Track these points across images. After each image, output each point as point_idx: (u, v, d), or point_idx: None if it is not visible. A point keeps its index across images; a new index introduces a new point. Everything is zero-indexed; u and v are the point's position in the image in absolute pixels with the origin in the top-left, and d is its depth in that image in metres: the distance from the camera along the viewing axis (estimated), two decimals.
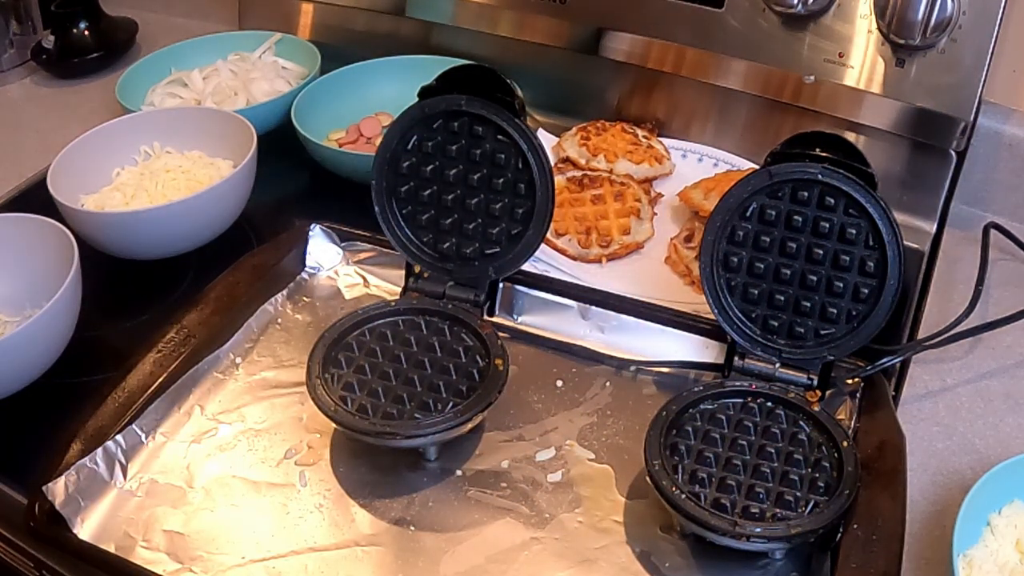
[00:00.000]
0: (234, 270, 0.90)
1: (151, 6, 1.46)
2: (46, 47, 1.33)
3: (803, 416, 0.75)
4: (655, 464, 0.70)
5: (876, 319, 0.76)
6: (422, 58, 1.19)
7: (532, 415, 0.81)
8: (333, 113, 1.16)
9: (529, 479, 0.75)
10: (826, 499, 0.69)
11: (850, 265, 0.76)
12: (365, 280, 0.94)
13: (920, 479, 0.77)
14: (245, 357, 0.86)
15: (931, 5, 0.92)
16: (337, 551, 0.71)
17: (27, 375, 0.82)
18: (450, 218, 0.85)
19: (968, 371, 0.87)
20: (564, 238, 0.98)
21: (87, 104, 1.28)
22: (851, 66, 1.00)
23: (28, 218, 0.91)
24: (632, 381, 0.84)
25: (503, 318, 0.88)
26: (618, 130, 1.11)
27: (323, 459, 0.77)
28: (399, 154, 0.85)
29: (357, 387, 0.77)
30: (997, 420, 0.82)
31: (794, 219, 0.77)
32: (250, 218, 1.03)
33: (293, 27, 1.32)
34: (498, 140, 0.82)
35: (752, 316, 0.79)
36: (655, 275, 0.96)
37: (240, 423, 0.80)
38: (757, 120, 1.10)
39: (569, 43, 1.15)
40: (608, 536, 0.71)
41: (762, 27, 1.02)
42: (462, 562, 0.70)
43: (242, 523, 0.72)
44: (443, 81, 0.83)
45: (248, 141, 1.01)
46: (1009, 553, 0.68)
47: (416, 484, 0.75)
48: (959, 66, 0.95)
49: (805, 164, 0.76)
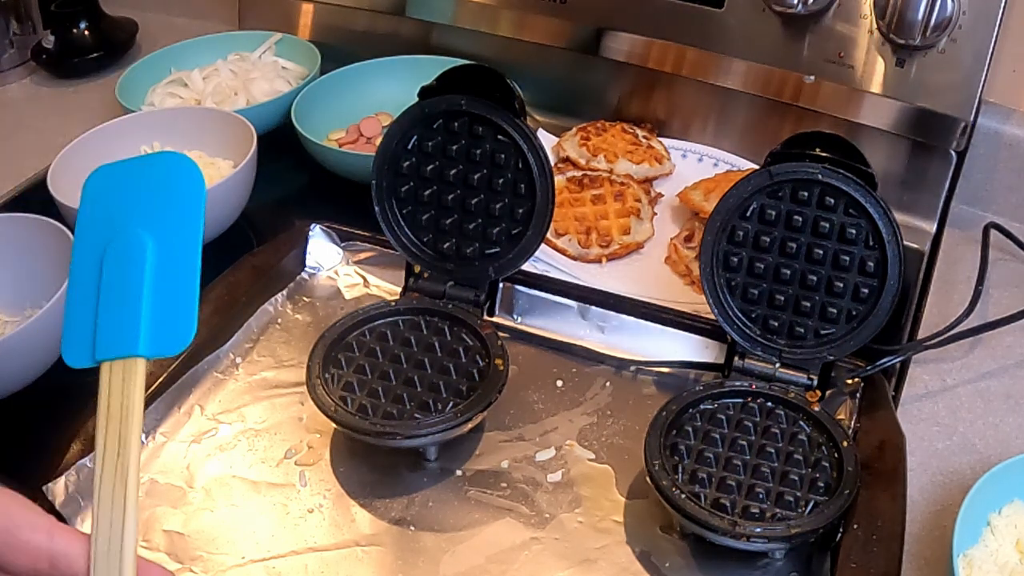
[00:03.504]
0: (234, 270, 0.90)
1: (151, 6, 1.46)
2: (46, 47, 1.33)
3: (803, 416, 0.75)
4: (655, 464, 0.70)
5: (876, 319, 0.76)
6: (422, 58, 1.19)
7: (532, 415, 0.81)
8: (333, 113, 1.15)
9: (529, 479, 0.75)
10: (826, 499, 0.69)
11: (850, 265, 0.76)
12: (365, 280, 0.94)
13: (920, 479, 0.77)
14: (245, 357, 0.86)
15: (931, 5, 0.92)
16: (337, 551, 0.71)
17: (27, 375, 0.82)
18: (450, 218, 0.85)
19: (968, 371, 0.87)
20: (564, 238, 0.98)
21: (87, 104, 1.28)
22: (851, 66, 1.00)
23: (28, 218, 0.91)
24: (632, 381, 0.84)
25: (503, 318, 0.88)
26: (618, 130, 1.11)
27: (323, 459, 0.77)
28: (399, 154, 0.85)
29: (357, 387, 0.77)
30: (997, 420, 0.82)
31: (794, 219, 0.77)
32: (250, 218, 1.03)
33: (293, 27, 1.32)
34: (498, 140, 0.82)
35: (752, 316, 0.79)
36: (655, 275, 0.96)
37: (240, 423, 0.80)
38: (757, 120, 1.10)
39: (569, 43, 1.15)
40: (608, 536, 0.71)
41: (762, 27, 1.02)
42: (462, 562, 0.70)
43: (242, 523, 0.72)
44: (443, 81, 0.83)
45: (248, 141, 1.01)
46: (1009, 553, 0.68)
47: (416, 484, 0.75)
48: (959, 66, 0.95)
49: (805, 164, 0.76)
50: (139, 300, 0.46)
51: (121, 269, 0.47)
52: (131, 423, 0.44)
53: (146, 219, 0.48)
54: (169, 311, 0.46)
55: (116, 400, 0.45)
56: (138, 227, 0.48)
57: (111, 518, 0.43)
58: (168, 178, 0.50)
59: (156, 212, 0.48)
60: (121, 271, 0.47)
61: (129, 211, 0.49)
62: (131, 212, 0.49)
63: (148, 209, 0.49)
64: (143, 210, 0.49)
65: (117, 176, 0.51)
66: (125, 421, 0.44)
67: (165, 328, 0.46)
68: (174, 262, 0.47)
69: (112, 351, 0.46)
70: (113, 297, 0.46)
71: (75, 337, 0.47)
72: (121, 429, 0.44)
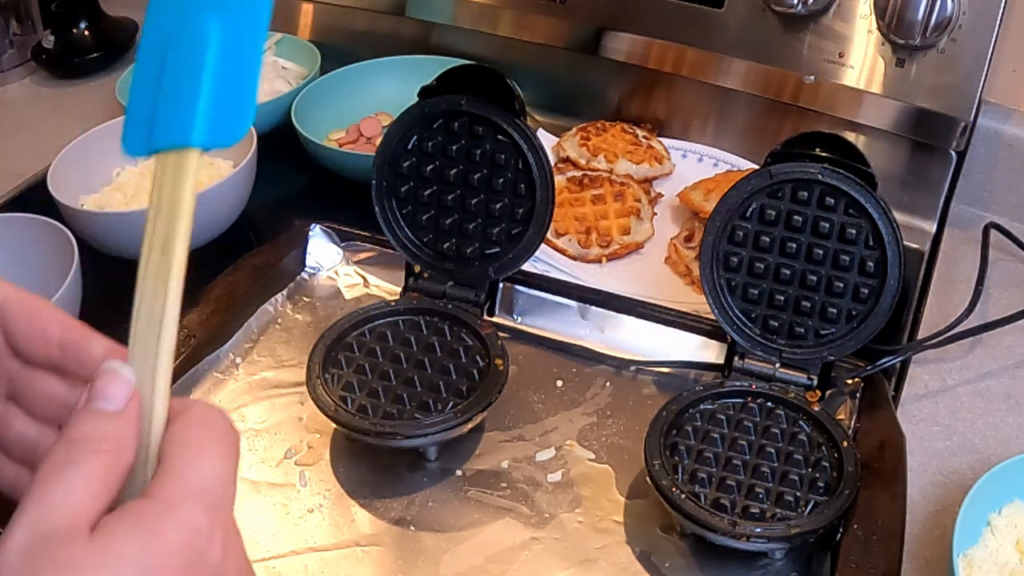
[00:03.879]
0: (234, 270, 0.90)
1: None
2: (46, 47, 1.33)
3: (803, 416, 0.75)
4: (655, 464, 0.70)
5: (876, 319, 0.76)
6: (422, 58, 1.19)
7: (532, 415, 0.81)
8: (333, 113, 1.15)
9: (529, 479, 0.75)
10: (826, 499, 0.69)
11: (850, 265, 0.76)
12: (365, 280, 0.94)
13: (920, 479, 0.77)
14: (245, 357, 0.86)
15: (931, 5, 0.92)
16: (337, 551, 0.71)
17: None
18: (450, 218, 0.85)
19: (968, 371, 0.87)
20: (564, 238, 0.98)
21: (87, 104, 1.28)
22: (851, 66, 1.00)
23: (28, 218, 0.91)
24: (632, 381, 0.84)
25: (503, 318, 0.88)
26: (618, 130, 1.11)
27: (323, 459, 0.77)
28: (399, 154, 0.85)
29: (357, 387, 0.77)
30: (997, 420, 0.82)
31: (794, 219, 0.77)
32: (250, 218, 1.03)
33: (293, 27, 1.32)
34: (498, 140, 0.82)
35: (752, 316, 0.79)
36: (655, 275, 0.96)
37: (240, 423, 0.80)
38: (757, 120, 1.10)
39: (569, 43, 1.15)
40: (608, 536, 0.71)
41: (762, 27, 1.02)
42: (462, 562, 0.70)
43: (242, 523, 0.71)
44: (443, 81, 0.83)
45: (248, 141, 1.01)
46: (1009, 553, 0.68)
47: (416, 484, 0.75)
48: (959, 66, 0.95)
49: (805, 164, 0.76)
50: (198, 89, 0.44)
51: (184, 56, 0.45)
52: (180, 218, 0.43)
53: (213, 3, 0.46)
54: (227, 102, 0.45)
55: (167, 194, 0.44)
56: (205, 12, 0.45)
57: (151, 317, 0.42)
58: None
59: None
60: (184, 58, 0.45)
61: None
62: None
63: None
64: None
65: None
66: (173, 216, 0.43)
67: (221, 120, 0.45)
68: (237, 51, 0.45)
69: (167, 141, 0.45)
70: (173, 85, 0.45)
71: (135, 127, 0.46)
72: (169, 225, 0.43)
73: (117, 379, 0.40)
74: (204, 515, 0.38)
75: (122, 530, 0.36)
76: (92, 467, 0.37)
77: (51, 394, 0.46)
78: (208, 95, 0.44)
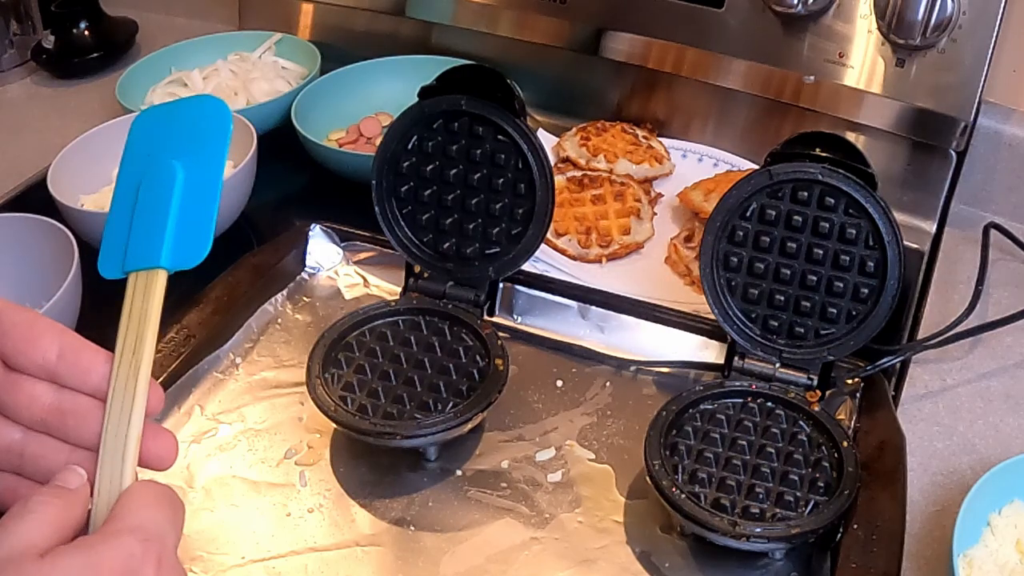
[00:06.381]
0: (234, 270, 0.90)
1: (151, 6, 1.46)
2: (46, 47, 1.33)
3: (803, 416, 0.75)
4: (655, 464, 0.70)
5: (876, 319, 0.76)
6: (422, 58, 1.19)
7: (532, 415, 0.81)
8: (333, 113, 1.15)
9: (529, 479, 0.75)
10: (826, 499, 0.69)
11: (850, 265, 0.76)
12: (365, 280, 0.94)
13: (920, 479, 0.77)
14: (245, 357, 0.86)
15: (931, 5, 0.92)
16: (337, 551, 0.71)
17: None
18: (450, 218, 0.85)
19: (968, 371, 0.87)
20: (564, 238, 0.98)
21: (87, 104, 1.28)
22: (851, 66, 1.00)
23: (28, 218, 0.91)
24: (632, 381, 0.84)
25: (503, 318, 0.88)
26: (618, 130, 1.11)
27: (323, 459, 0.77)
28: (399, 154, 0.85)
29: (357, 387, 0.77)
30: (997, 420, 0.82)
31: (794, 219, 0.77)
32: (250, 218, 1.03)
33: (293, 27, 1.32)
34: (498, 140, 0.82)
35: (752, 316, 0.79)
36: (655, 275, 0.96)
37: (240, 423, 0.80)
38: (757, 120, 1.10)
39: (569, 43, 1.15)
40: (608, 536, 0.71)
41: (762, 27, 1.02)
42: (462, 562, 0.70)
43: (242, 523, 0.72)
44: (443, 81, 0.83)
45: (248, 141, 1.01)
46: (1009, 553, 0.68)
47: (416, 484, 0.75)
48: (959, 66, 0.95)
49: (805, 164, 0.76)
50: (166, 219, 0.54)
51: (153, 193, 0.55)
52: (148, 325, 0.51)
53: (178, 151, 0.55)
54: (190, 230, 0.54)
55: (138, 305, 0.52)
56: (171, 157, 0.55)
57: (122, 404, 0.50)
58: (200, 116, 0.57)
59: (187, 145, 0.56)
60: (153, 195, 0.55)
61: (165, 144, 0.56)
62: (166, 145, 0.56)
63: (181, 142, 0.56)
64: (176, 143, 0.56)
65: (157, 116, 0.59)
66: (143, 323, 0.52)
67: (185, 245, 0.54)
68: (198, 188, 0.55)
69: (139, 263, 0.53)
70: (144, 217, 0.54)
71: (110, 252, 0.55)
72: (139, 330, 0.51)
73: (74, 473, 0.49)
74: (138, 544, 0.45)
75: (67, 552, 0.44)
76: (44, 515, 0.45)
77: (36, 396, 0.50)
78: (174, 225, 0.54)
